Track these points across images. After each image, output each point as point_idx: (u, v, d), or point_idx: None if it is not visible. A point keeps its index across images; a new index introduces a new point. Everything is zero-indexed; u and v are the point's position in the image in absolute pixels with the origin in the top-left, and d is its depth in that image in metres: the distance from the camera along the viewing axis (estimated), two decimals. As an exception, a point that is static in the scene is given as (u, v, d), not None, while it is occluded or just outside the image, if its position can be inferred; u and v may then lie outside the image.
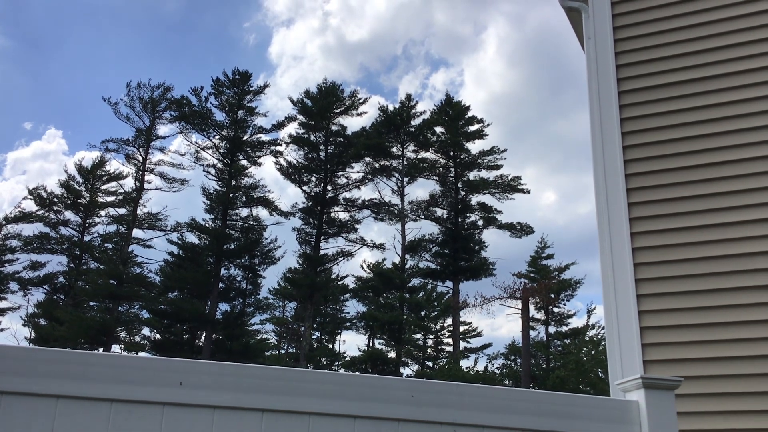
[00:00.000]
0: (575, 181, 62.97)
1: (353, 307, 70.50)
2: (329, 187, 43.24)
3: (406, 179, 43.64)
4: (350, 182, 43.89)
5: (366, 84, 67.33)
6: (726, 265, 4.48)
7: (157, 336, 40.61)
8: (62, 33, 64.91)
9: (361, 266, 44.06)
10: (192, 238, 41.20)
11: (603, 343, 28.00)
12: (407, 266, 41.32)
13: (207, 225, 40.84)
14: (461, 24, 64.57)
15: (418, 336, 41.63)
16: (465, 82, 65.63)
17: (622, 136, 4.98)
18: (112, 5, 62.22)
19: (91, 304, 40.72)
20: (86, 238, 43.53)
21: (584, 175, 63.03)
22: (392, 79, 64.95)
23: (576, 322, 38.28)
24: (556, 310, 37.73)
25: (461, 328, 40.29)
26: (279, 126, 43.70)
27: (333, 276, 42.79)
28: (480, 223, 42.83)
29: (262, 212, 42.92)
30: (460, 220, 42.86)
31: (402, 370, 39.24)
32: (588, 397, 2.88)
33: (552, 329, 38.06)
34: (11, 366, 2.43)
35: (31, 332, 41.27)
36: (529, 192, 42.63)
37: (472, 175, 43.39)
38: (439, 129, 44.21)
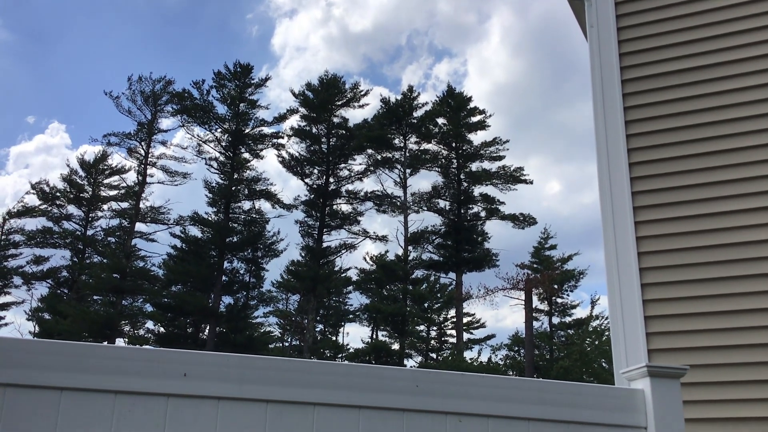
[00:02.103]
0: (580, 171, 62.94)
1: (356, 300, 70.52)
2: (331, 180, 43.23)
3: (408, 171, 43.64)
4: (352, 174, 43.91)
5: (369, 75, 67.25)
6: (732, 253, 4.46)
7: (161, 329, 40.70)
8: (64, 26, 64.94)
9: (364, 258, 44.09)
10: (195, 231, 41.30)
11: (606, 333, 28.04)
12: (410, 258, 41.34)
13: (209, 218, 40.90)
14: (465, 13, 64.38)
15: (422, 328, 41.70)
16: (469, 72, 65.55)
17: (626, 124, 4.96)
18: (113, -2, 62.14)
19: (95, 297, 40.84)
20: (89, 232, 43.65)
21: (589, 164, 63.01)
22: (396, 69, 64.88)
23: (580, 313, 38.38)
24: (559, 300, 37.76)
25: (464, 320, 40.37)
26: (281, 118, 43.69)
27: (336, 268, 42.83)
28: (483, 214, 42.86)
29: (264, 205, 42.99)
30: (462, 211, 42.85)
31: (405, 361, 39.33)
32: (593, 386, 2.88)
33: (555, 320, 38.11)
34: (14, 358, 2.42)
35: (35, 326, 41.44)
36: (531, 182, 42.64)
37: (474, 166, 43.39)
38: (441, 120, 44.18)
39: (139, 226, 42.55)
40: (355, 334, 63.78)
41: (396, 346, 39.16)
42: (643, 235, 4.66)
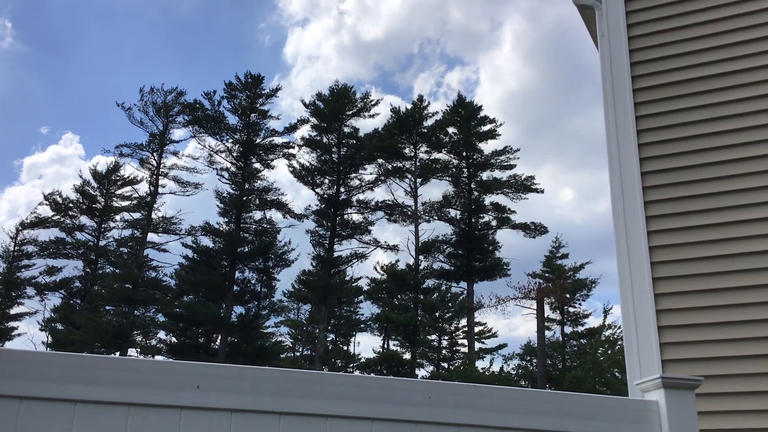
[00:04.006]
0: (593, 178, 62.66)
1: (367, 309, 70.46)
2: (342, 189, 43.29)
3: (419, 180, 43.61)
4: (363, 184, 43.95)
5: (381, 83, 67.33)
6: (746, 263, 4.43)
7: (173, 339, 40.76)
8: (79, 37, 65.58)
9: (375, 268, 44.07)
10: (206, 241, 41.36)
11: (619, 342, 27.85)
12: (421, 267, 41.26)
13: (221, 228, 41.00)
14: (477, 21, 64.45)
15: (433, 337, 41.60)
16: (481, 80, 65.60)
17: (638, 134, 4.94)
18: (128, 8, 62.78)
19: (107, 308, 40.96)
20: (102, 243, 43.79)
21: (602, 171, 62.38)
22: (407, 78, 65.01)
23: (592, 322, 38.12)
24: (571, 310, 37.55)
25: (476, 329, 40.23)
26: (292, 128, 43.80)
27: (347, 278, 42.82)
28: (494, 223, 42.74)
29: (275, 215, 43.05)
30: (473, 220, 42.75)
31: (417, 371, 39.22)
32: (607, 398, 2.86)
33: (568, 329, 37.89)
34: (29, 371, 2.44)
35: (48, 337, 41.61)
36: (542, 191, 42.49)
37: (485, 175, 43.33)
38: (451, 130, 44.16)
39: (151, 237, 42.75)
40: (366, 344, 63.85)
41: (407, 356, 39.06)
42: (656, 245, 4.64)
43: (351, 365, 42.82)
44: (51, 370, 2.45)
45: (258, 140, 42.97)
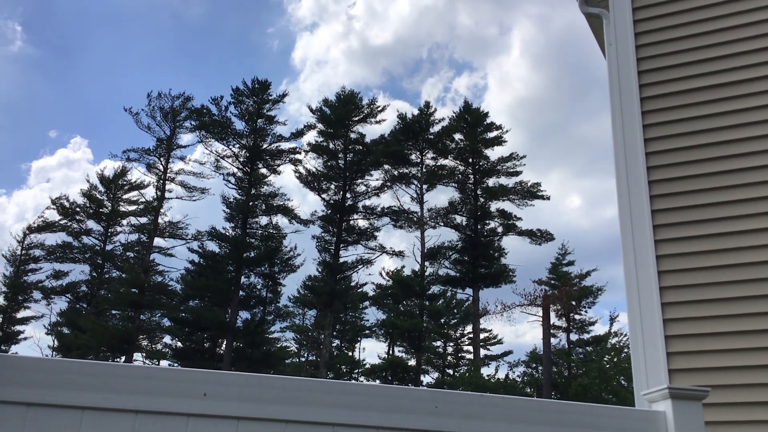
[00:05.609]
0: (600, 185, 62.48)
1: (373, 315, 70.38)
2: (348, 195, 43.30)
3: (425, 186, 43.61)
4: (369, 190, 43.96)
5: (389, 88, 67.27)
6: (754, 273, 4.42)
7: (179, 344, 40.81)
8: (87, 41, 65.86)
9: (381, 274, 44.04)
10: (212, 246, 41.42)
11: (626, 350, 27.77)
12: (427, 273, 41.22)
13: (227, 233, 41.04)
14: (485, 26, 64.43)
15: (438, 343, 41.54)
16: (489, 85, 65.58)
17: (645, 142, 4.93)
18: (137, 12, 63.10)
19: (113, 312, 41.03)
20: (108, 247, 43.93)
21: (610, 178, 61.96)
22: (415, 83, 65.05)
23: (598, 329, 37.97)
24: (577, 317, 37.45)
25: (481, 336, 40.14)
26: (298, 134, 43.88)
27: (352, 284, 42.78)
28: (499, 229, 42.70)
29: (281, 220, 43.13)
30: (479, 227, 42.72)
31: (422, 378, 39.14)
32: (614, 408, 2.85)
33: (574, 336, 37.80)
34: (37, 378, 2.44)
35: (54, 341, 41.71)
36: (548, 198, 42.46)
37: (491, 181, 43.32)
38: (457, 136, 44.18)
39: (158, 241, 42.85)
40: (371, 350, 63.67)
41: (412, 362, 38.98)
42: (664, 254, 4.62)
43: (356, 371, 42.75)
44: (58, 376, 2.46)
45: (264, 146, 43.07)
